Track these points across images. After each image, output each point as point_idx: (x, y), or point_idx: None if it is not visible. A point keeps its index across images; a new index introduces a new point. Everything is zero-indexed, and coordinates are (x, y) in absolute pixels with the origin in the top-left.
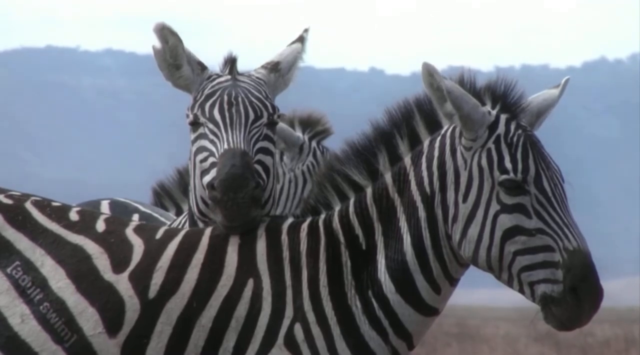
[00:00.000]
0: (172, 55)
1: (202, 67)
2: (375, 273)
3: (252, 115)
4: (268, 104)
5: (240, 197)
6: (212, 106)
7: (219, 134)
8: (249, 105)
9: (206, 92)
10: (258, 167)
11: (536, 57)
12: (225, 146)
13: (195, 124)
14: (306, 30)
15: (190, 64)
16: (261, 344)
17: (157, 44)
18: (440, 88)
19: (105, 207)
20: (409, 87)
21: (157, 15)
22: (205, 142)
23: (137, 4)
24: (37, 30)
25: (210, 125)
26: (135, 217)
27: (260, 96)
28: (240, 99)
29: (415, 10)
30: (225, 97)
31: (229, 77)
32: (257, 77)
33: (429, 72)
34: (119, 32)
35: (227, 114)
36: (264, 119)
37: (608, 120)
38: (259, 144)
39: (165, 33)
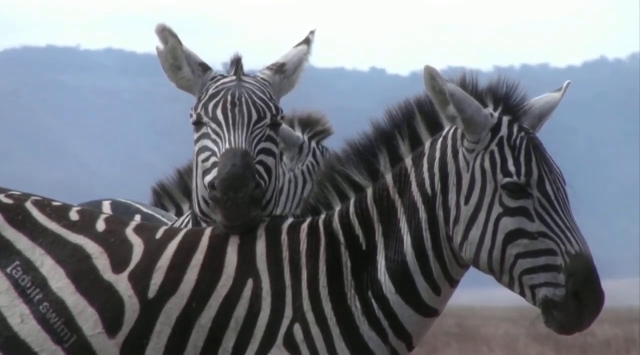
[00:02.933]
0: (173, 57)
1: (205, 68)
2: (376, 274)
3: (255, 116)
4: (272, 105)
5: (241, 197)
6: (216, 106)
7: (221, 134)
8: (253, 106)
9: (210, 92)
10: (259, 168)
11: (536, 57)
12: (227, 146)
13: (198, 124)
14: (312, 32)
15: (191, 65)
16: (261, 344)
17: (160, 45)
18: (443, 91)
19: (107, 208)
20: (409, 87)
21: (158, 15)
22: (207, 142)
23: (137, 4)
24: (38, 30)
25: (213, 125)
26: (137, 218)
27: (264, 97)
28: (244, 100)
29: (415, 10)
30: (229, 98)
31: (233, 78)
32: (262, 79)
33: (431, 75)
34: (119, 32)
35: (230, 114)
36: (267, 120)
37: (608, 120)
38: (261, 145)
39: (166, 34)
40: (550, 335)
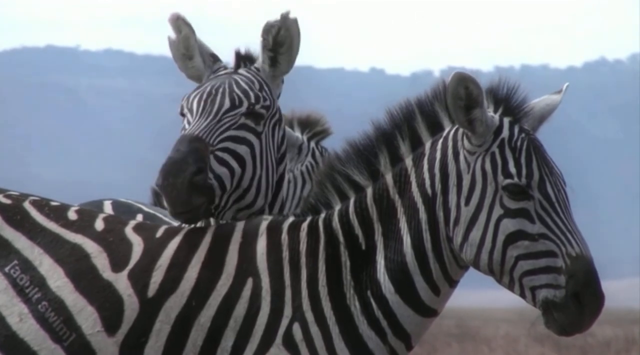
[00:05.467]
0: (185, 46)
1: (215, 59)
2: (375, 273)
3: (227, 105)
4: (252, 94)
5: (180, 182)
6: (195, 97)
7: (190, 123)
8: (228, 95)
9: (202, 84)
10: (224, 155)
11: (536, 57)
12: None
13: (182, 115)
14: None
15: (202, 55)
16: (260, 344)
17: (172, 34)
18: (478, 101)
19: (108, 208)
20: (409, 87)
21: (157, 16)
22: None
23: (137, 4)
24: (37, 30)
25: (189, 116)
26: (139, 217)
27: (246, 87)
28: (221, 90)
29: (415, 10)
30: (208, 88)
31: (230, 70)
32: (256, 68)
33: (464, 82)
34: (118, 32)
35: (202, 104)
36: (242, 109)
37: (608, 120)
38: (230, 132)
39: (179, 23)
40: (551, 336)
